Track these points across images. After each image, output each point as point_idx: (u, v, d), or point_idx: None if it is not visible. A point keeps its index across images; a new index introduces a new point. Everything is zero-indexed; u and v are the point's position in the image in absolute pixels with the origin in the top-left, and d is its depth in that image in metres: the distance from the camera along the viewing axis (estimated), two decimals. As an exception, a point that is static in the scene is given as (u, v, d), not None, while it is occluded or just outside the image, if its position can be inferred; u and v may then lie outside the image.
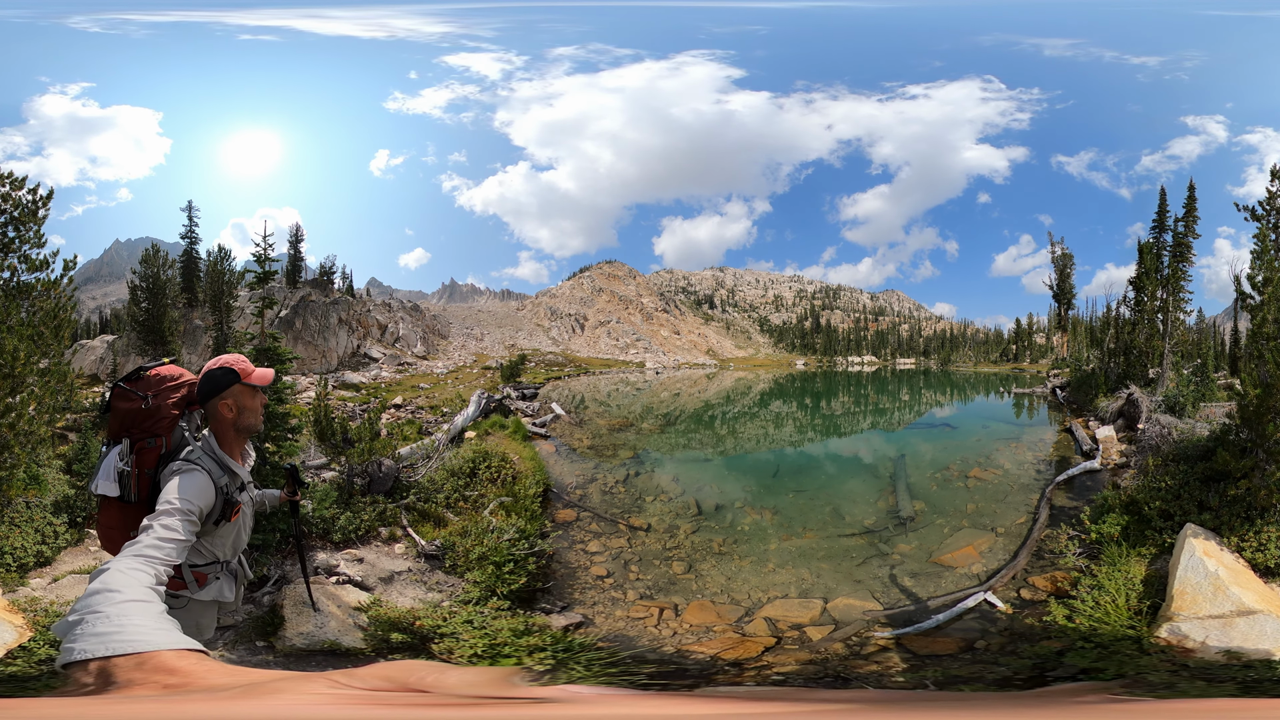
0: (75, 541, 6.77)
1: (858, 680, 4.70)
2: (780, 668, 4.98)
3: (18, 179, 6.52)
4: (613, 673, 4.69)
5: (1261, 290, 6.96)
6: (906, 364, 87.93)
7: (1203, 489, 6.72)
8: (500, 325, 78.02)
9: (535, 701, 0.67)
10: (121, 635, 1.03)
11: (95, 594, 1.20)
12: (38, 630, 4.75)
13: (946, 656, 5.21)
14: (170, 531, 1.74)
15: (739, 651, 5.35)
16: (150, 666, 0.93)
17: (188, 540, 1.80)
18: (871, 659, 5.18)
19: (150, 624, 1.09)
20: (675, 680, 4.67)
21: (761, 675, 4.81)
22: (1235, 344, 23.19)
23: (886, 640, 5.57)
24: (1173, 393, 11.00)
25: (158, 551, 1.61)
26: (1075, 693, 1.13)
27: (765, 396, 28.79)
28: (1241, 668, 4.59)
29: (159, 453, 2.30)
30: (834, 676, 4.83)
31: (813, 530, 8.23)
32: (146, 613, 1.14)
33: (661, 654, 5.32)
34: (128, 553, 1.55)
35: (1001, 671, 4.86)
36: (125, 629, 1.06)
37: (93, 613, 1.12)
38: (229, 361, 2.35)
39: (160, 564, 1.57)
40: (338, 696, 0.68)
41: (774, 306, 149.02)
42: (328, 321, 39.11)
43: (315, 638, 4.97)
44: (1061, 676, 4.62)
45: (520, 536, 6.93)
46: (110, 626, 1.07)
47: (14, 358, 5.65)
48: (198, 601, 2.36)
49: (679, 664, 5.10)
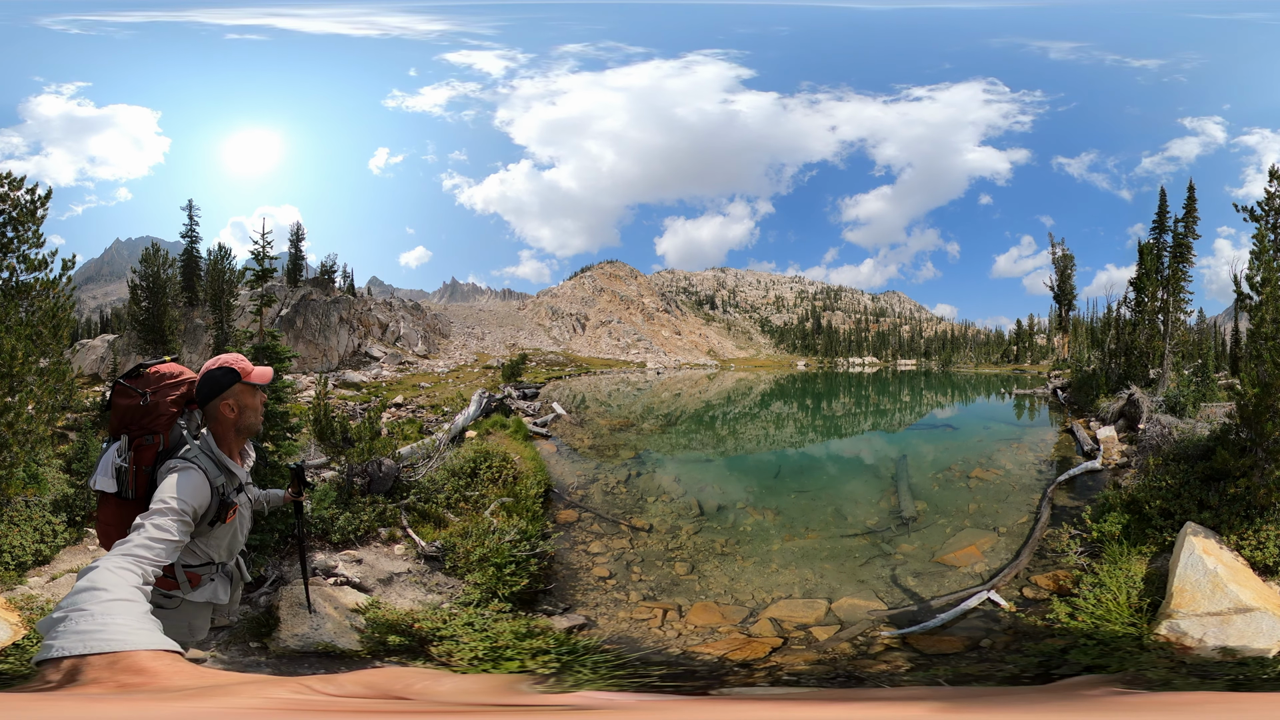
0: (74, 540, 6.75)
1: (870, 680, 4.69)
2: (791, 668, 4.96)
3: (16, 179, 6.51)
4: (620, 675, 4.65)
5: (1260, 290, 6.96)
6: (907, 365, 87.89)
7: (1203, 488, 6.74)
8: (501, 325, 78.02)
9: (551, 709, 0.64)
10: (102, 634, 1.03)
11: (81, 591, 1.20)
12: (31, 629, 4.74)
13: (954, 655, 5.22)
14: (162, 532, 1.72)
15: (746, 652, 5.33)
16: (121, 667, 0.93)
17: (180, 540, 1.79)
18: (879, 658, 5.17)
19: (132, 624, 1.09)
20: (685, 682, 4.64)
21: (772, 675, 4.79)
22: (1236, 344, 23.16)
23: (892, 640, 5.56)
24: (1173, 393, 10.98)
25: (148, 551, 1.61)
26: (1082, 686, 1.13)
27: (766, 397, 28.77)
28: (1236, 664, 4.62)
29: (157, 450, 2.29)
30: (846, 676, 4.82)
31: (815, 530, 8.22)
32: (129, 612, 1.14)
33: (668, 655, 5.30)
34: (117, 551, 1.54)
35: (1009, 669, 4.87)
36: (107, 628, 1.05)
37: (77, 610, 1.12)
38: (228, 361, 2.33)
39: (149, 564, 1.56)
40: (298, 703, 0.66)
41: (775, 307, 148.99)
42: (328, 320, 39.10)
43: (310, 639, 4.92)
44: (1067, 673, 4.63)
45: (521, 537, 6.89)
46: (93, 625, 1.07)
47: (12, 357, 5.64)
48: (190, 602, 2.34)
49: (686, 665, 5.08)
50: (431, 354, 51.42)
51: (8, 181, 6.45)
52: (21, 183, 6.51)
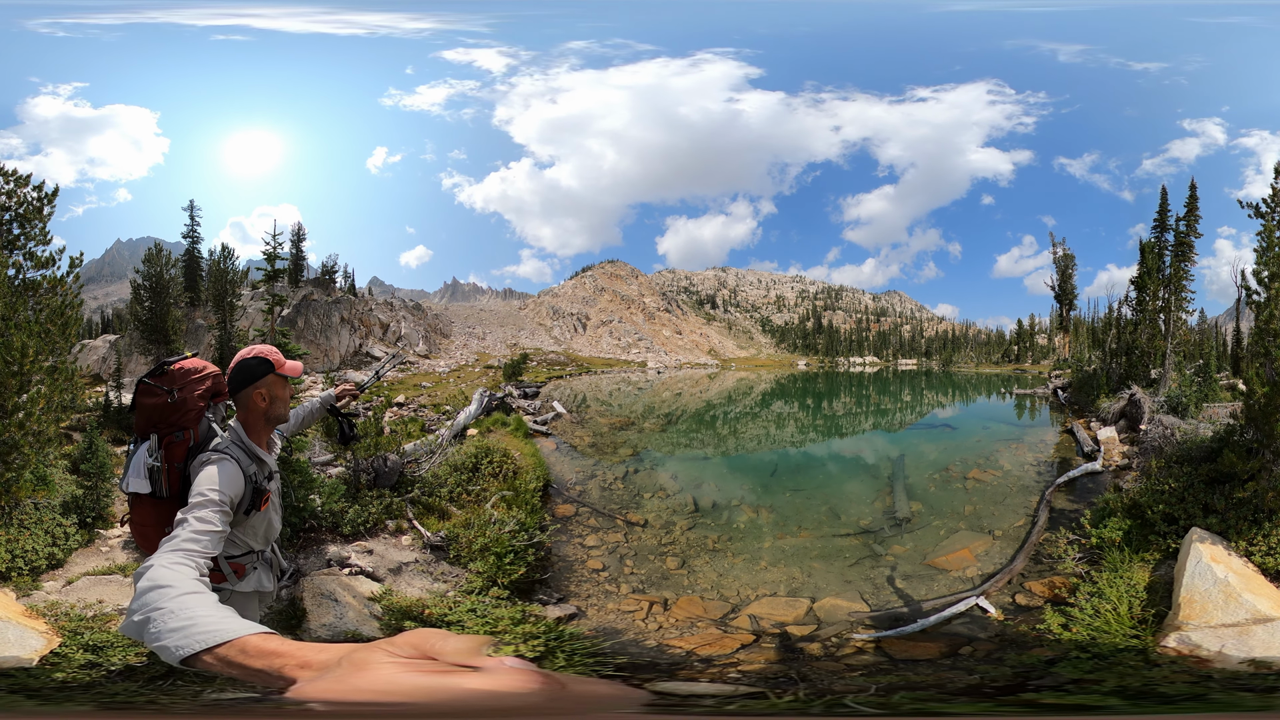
0: (86, 543, 6.75)
1: (812, 680, 4.62)
2: (744, 666, 4.97)
3: (22, 176, 6.56)
4: (589, 662, 4.75)
5: (1268, 286, 6.88)
6: (908, 365, 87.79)
7: (1208, 491, 6.53)
8: (502, 324, 78.05)
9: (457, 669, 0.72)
10: (199, 626, 1.02)
11: (148, 592, 1.19)
12: (66, 636, 4.64)
13: (924, 661, 5.14)
14: (205, 524, 1.73)
15: (715, 648, 5.37)
16: (254, 651, 0.92)
17: (223, 531, 1.79)
18: (843, 660, 5.14)
19: (216, 614, 1.08)
20: (641, 674, 4.70)
21: (721, 673, 4.79)
22: (1237, 344, 23.13)
23: (865, 642, 5.51)
24: (1175, 393, 10.97)
25: (195, 545, 1.60)
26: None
27: (766, 397, 28.79)
28: (1277, 676, 4.44)
29: (187, 446, 2.31)
30: (790, 678, 4.74)
31: (808, 529, 8.25)
32: (205, 603, 1.14)
33: (642, 647, 5.39)
34: (166, 548, 1.53)
35: (972, 680, 4.76)
36: (197, 620, 1.05)
37: (155, 609, 1.11)
38: (263, 351, 2.37)
39: (200, 556, 1.56)
40: (413, 665, 0.73)
41: (776, 307, 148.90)
42: (330, 320, 39.20)
43: (337, 628, 5.13)
44: (1047, 686, 4.50)
45: (520, 529, 7.08)
46: (181, 621, 1.06)
47: (22, 354, 5.68)
48: (239, 593, 2.36)
49: (653, 658, 5.15)
50: (433, 354, 51.49)
51: (14, 179, 6.51)
52: (28, 180, 6.57)
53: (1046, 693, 4.40)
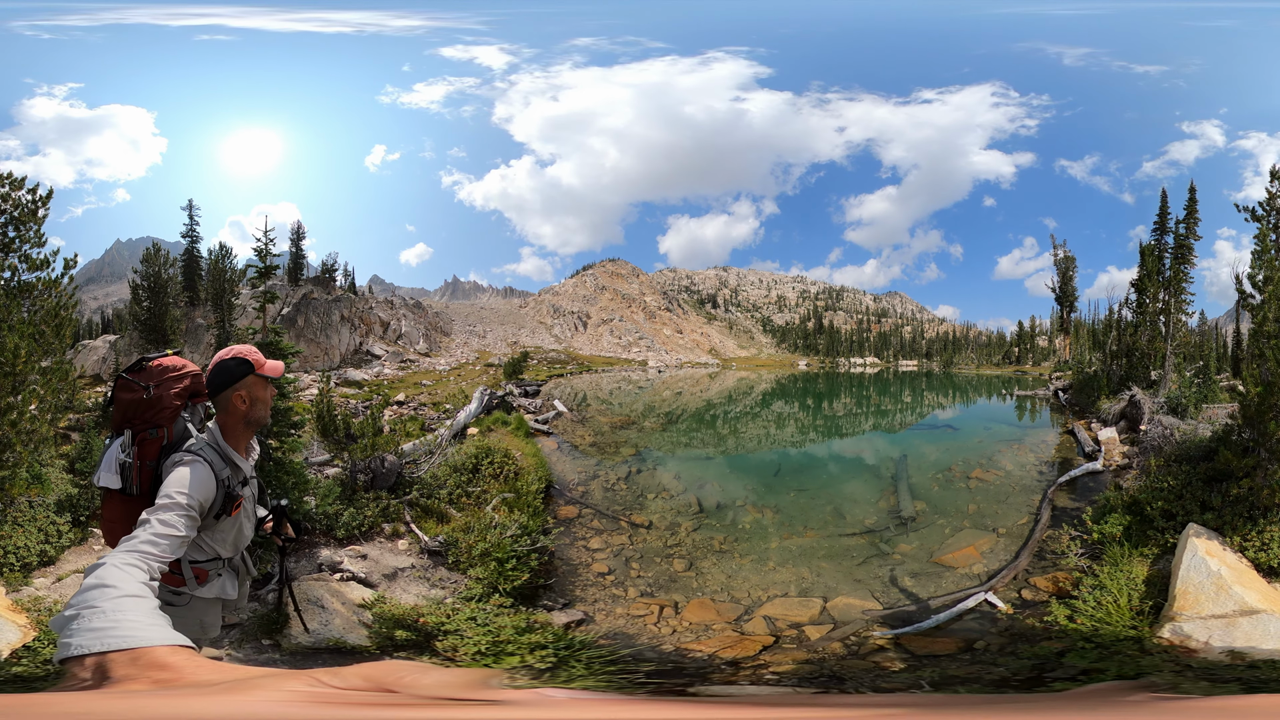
0: (79, 541, 6.77)
1: (852, 680, 4.68)
2: (776, 667, 4.97)
3: (17, 179, 6.52)
4: (611, 671, 4.67)
5: (1262, 289, 6.97)
6: (909, 366, 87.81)
7: (1205, 489, 6.70)
8: (503, 322, 78.06)
9: (498, 705, 0.67)
10: (116, 631, 1.03)
11: (90, 589, 1.20)
12: (41, 630, 4.72)
13: (945, 656, 5.20)
14: (167, 527, 1.71)
15: (736, 650, 5.34)
16: (144, 662, 0.94)
17: (187, 535, 1.77)
18: (869, 658, 5.17)
19: (144, 620, 1.09)
20: (670, 679, 4.65)
21: (756, 674, 4.80)
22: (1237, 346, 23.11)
23: (884, 640, 5.55)
24: (1175, 394, 10.96)
25: (153, 547, 1.59)
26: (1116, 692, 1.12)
27: (767, 396, 28.77)
28: (1246, 667, 4.57)
29: (161, 444, 2.26)
30: (829, 676, 4.81)
31: (814, 529, 8.23)
32: (140, 608, 1.14)
33: (660, 652, 5.32)
34: (123, 548, 1.53)
35: (1000, 672, 4.84)
36: (120, 624, 1.06)
37: (88, 608, 1.12)
38: (242, 352, 2.29)
39: (155, 560, 1.55)
40: (312, 695, 0.69)
41: (777, 307, 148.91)
42: (330, 319, 39.17)
43: (321, 636, 4.99)
44: (1061, 677, 4.60)
45: (522, 533, 6.94)
46: (105, 622, 1.07)
47: (15, 355, 5.65)
48: (200, 599, 2.31)
49: (676, 663, 5.09)
50: (433, 352, 51.46)
51: (9, 182, 6.47)
52: (23, 183, 6.52)
53: (1060, 684, 4.45)
